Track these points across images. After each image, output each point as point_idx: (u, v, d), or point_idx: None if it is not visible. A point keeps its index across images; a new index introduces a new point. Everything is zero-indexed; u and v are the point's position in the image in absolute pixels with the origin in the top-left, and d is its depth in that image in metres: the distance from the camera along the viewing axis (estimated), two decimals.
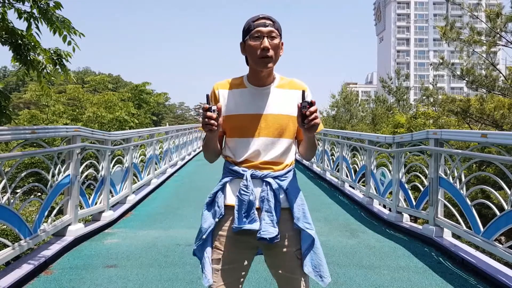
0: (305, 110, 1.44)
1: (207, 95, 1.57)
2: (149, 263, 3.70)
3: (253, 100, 1.66)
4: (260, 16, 1.61)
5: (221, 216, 1.64)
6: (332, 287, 3.18)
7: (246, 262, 1.65)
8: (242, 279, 1.65)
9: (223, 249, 1.62)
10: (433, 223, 4.47)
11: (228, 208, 1.64)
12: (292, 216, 1.63)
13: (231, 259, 1.62)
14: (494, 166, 8.24)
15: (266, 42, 1.56)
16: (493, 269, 3.40)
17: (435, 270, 3.60)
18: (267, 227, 1.56)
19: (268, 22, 1.59)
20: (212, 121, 1.48)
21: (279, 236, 1.58)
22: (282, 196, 1.64)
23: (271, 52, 1.57)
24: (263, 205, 1.59)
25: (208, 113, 1.48)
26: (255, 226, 1.57)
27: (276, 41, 1.59)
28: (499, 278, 3.21)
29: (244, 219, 1.58)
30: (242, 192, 1.59)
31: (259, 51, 1.57)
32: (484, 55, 11.58)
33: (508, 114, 10.01)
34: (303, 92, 1.50)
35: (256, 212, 1.59)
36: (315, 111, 1.45)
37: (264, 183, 1.61)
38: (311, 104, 1.45)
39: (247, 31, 1.61)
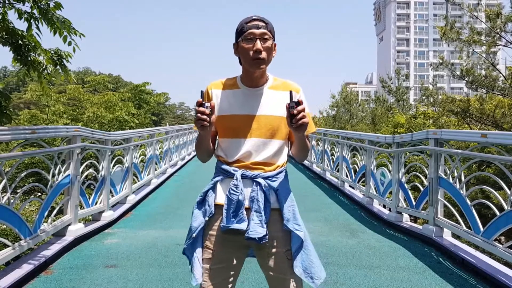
0: (292, 110, 1.45)
1: (202, 91, 1.59)
2: (149, 263, 3.71)
3: (246, 100, 1.67)
4: (253, 17, 1.62)
5: (211, 215, 1.65)
6: (332, 287, 3.18)
7: (236, 262, 1.65)
8: (232, 279, 1.65)
9: (213, 249, 1.63)
10: (433, 223, 4.47)
11: (218, 207, 1.64)
12: (282, 217, 1.64)
13: (221, 258, 1.62)
14: (494, 166, 8.24)
15: (258, 44, 1.57)
16: (493, 269, 3.40)
17: (435, 270, 3.60)
18: (256, 227, 1.56)
19: (260, 24, 1.59)
20: (204, 117, 1.48)
21: (267, 236, 1.58)
22: (272, 196, 1.64)
23: (263, 54, 1.59)
24: (252, 205, 1.60)
25: (201, 108, 1.48)
26: (242, 226, 1.58)
27: (269, 43, 1.60)
28: (499, 278, 3.21)
29: (232, 219, 1.59)
30: (232, 191, 1.60)
31: (252, 53, 1.58)
32: (484, 55, 11.57)
33: (508, 113, 10.01)
34: (291, 92, 1.50)
35: (244, 212, 1.59)
36: (303, 110, 1.46)
37: (254, 183, 1.62)
38: (298, 103, 1.46)
39: (240, 32, 1.61)
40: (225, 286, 1.63)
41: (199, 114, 1.49)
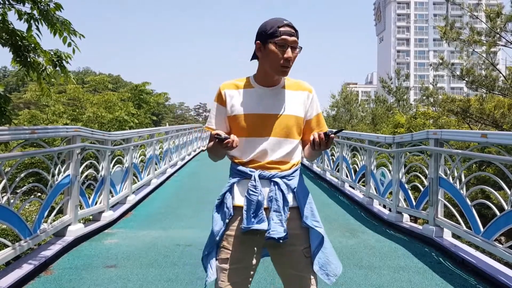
0: (331, 135, 1.52)
1: (220, 136, 1.56)
2: (149, 263, 3.70)
3: (261, 100, 1.67)
4: (285, 22, 1.60)
5: (230, 217, 1.65)
6: (332, 287, 3.18)
7: (254, 262, 1.66)
8: (250, 279, 1.66)
9: (231, 249, 1.63)
10: (433, 223, 4.47)
11: (237, 208, 1.65)
12: (300, 215, 1.65)
13: (239, 258, 1.63)
14: (494, 166, 8.24)
15: (289, 52, 1.58)
16: (493, 269, 3.40)
17: (435, 270, 3.60)
18: (276, 227, 1.57)
19: (292, 31, 1.60)
20: (230, 140, 1.54)
21: (287, 235, 1.59)
22: (289, 195, 1.65)
23: (291, 63, 1.61)
24: (271, 205, 1.60)
25: (226, 142, 1.54)
26: (263, 226, 1.58)
27: (297, 51, 1.62)
28: (499, 278, 3.21)
29: (253, 219, 1.59)
30: (251, 192, 1.60)
31: (282, 60, 1.58)
32: (484, 55, 11.57)
33: (508, 113, 10.00)
34: (341, 130, 1.59)
35: (264, 212, 1.60)
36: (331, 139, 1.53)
37: (272, 183, 1.63)
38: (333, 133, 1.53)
39: (271, 35, 1.58)
40: (243, 285, 1.64)
41: (226, 143, 1.54)
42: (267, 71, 1.65)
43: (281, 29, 1.58)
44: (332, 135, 1.50)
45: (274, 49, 1.58)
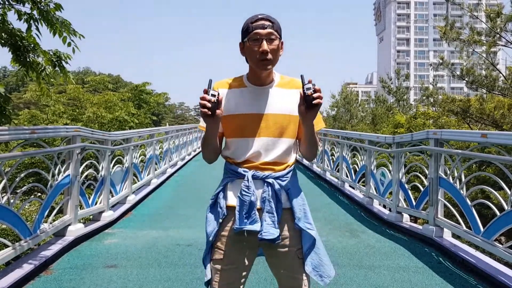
0: (311, 92, 1.45)
1: (210, 80, 1.51)
2: (149, 263, 3.71)
3: (253, 99, 1.65)
4: (259, 17, 1.58)
5: (223, 217, 1.64)
6: (332, 287, 3.18)
7: (247, 262, 1.65)
8: (243, 280, 1.65)
9: (224, 249, 1.62)
10: (433, 223, 4.47)
11: (230, 209, 1.63)
12: (293, 216, 1.63)
13: (233, 259, 1.62)
14: (494, 166, 8.23)
15: (265, 45, 1.54)
16: (493, 269, 3.40)
17: (435, 270, 3.60)
18: (269, 228, 1.56)
19: (266, 23, 1.56)
20: (205, 102, 1.46)
21: (280, 237, 1.58)
22: (283, 196, 1.63)
23: (269, 56, 1.56)
24: (264, 205, 1.59)
25: (207, 97, 1.46)
26: (256, 227, 1.57)
27: (275, 43, 1.58)
28: (499, 278, 3.21)
29: (245, 220, 1.58)
30: (243, 193, 1.59)
31: (258, 54, 1.56)
32: (484, 55, 11.57)
33: (508, 114, 10.00)
34: (302, 76, 1.50)
35: (257, 213, 1.59)
36: (319, 90, 1.46)
37: (265, 184, 1.61)
38: (314, 84, 1.46)
39: (246, 32, 1.58)
40: (237, 286, 1.63)
41: (202, 101, 1.47)
42: (253, 69, 1.63)
43: (254, 24, 1.56)
44: (316, 87, 1.44)
45: (250, 46, 1.57)
